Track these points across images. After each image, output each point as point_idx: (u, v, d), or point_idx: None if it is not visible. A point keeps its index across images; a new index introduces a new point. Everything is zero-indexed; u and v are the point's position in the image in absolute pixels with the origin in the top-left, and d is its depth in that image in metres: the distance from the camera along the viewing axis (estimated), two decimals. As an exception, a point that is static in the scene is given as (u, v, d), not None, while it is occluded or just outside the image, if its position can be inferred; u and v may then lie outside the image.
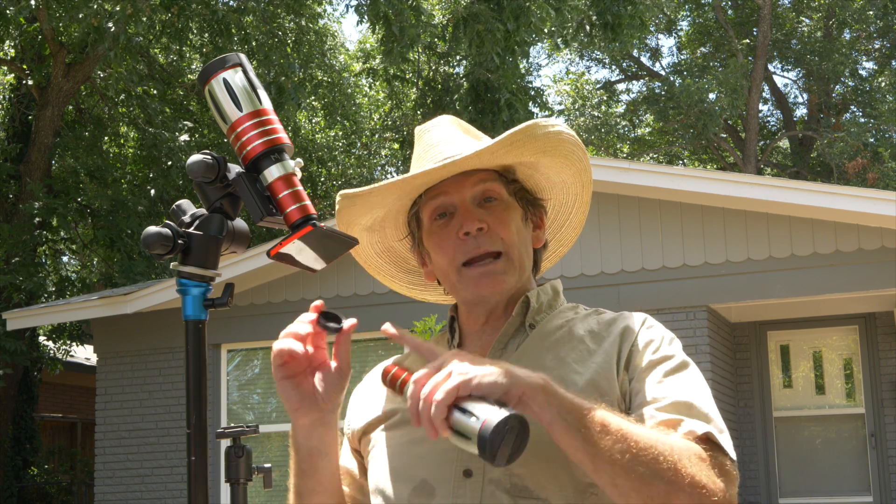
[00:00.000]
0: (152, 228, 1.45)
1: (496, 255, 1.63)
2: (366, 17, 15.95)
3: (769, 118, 28.59)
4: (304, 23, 18.18)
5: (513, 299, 1.67)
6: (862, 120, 24.59)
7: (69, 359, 17.67)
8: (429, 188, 1.67)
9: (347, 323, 1.51)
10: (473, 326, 1.70)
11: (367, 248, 1.77)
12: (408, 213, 1.73)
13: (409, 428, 1.62)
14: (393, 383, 1.45)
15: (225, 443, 1.53)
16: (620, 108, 27.45)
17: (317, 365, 1.54)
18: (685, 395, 1.50)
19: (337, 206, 1.69)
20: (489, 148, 1.59)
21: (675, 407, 1.49)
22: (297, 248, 1.47)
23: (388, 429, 1.67)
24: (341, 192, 1.68)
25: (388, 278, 1.83)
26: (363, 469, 1.72)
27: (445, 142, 1.70)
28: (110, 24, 13.07)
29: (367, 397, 1.75)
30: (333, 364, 1.54)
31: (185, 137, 16.78)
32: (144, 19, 13.75)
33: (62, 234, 17.63)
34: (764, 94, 26.31)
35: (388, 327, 1.47)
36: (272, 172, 1.48)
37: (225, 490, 8.97)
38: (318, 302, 1.53)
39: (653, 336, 1.60)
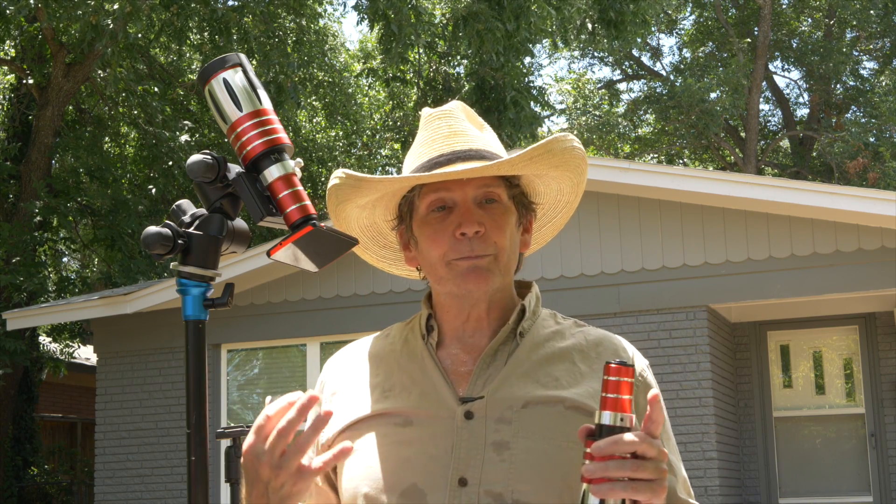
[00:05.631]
0: (152, 228, 1.45)
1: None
2: (365, 15, 15.94)
3: (770, 118, 28.59)
4: (304, 23, 18.17)
5: (494, 301, 1.66)
6: (863, 120, 24.60)
7: (70, 359, 17.65)
8: None
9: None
10: (454, 323, 1.68)
11: (353, 222, 1.74)
12: (401, 197, 1.70)
13: (396, 428, 1.59)
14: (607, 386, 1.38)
15: (225, 443, 1.53)
16: (621, 108, 27.45)
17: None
18: (682, 469, 1.67)
19: (335, 182, 1.64)
20: (510, 161, 1.59)
21: (686, 487, 1.65)
22: (297, 248, 1.47)
23: (372, 427, 1.61)
24: (343, 170, 1.63)
25: (361, 249, 1.79)
26: (332, 471, 1.65)
27: (458, 134, 1.69)
28: (109, 22, 13.06)
29: (348, 386, 1.69)
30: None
31: (185, 137, 16.77)
32: (144, 19, 13.74)
33: (62, 233, 17.63)
34: (765, 94, 26.30)
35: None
36: (272, 172, 1.48)
37: (225, 490, 8.96)
38: None
39: (657, 390, 1.68)
